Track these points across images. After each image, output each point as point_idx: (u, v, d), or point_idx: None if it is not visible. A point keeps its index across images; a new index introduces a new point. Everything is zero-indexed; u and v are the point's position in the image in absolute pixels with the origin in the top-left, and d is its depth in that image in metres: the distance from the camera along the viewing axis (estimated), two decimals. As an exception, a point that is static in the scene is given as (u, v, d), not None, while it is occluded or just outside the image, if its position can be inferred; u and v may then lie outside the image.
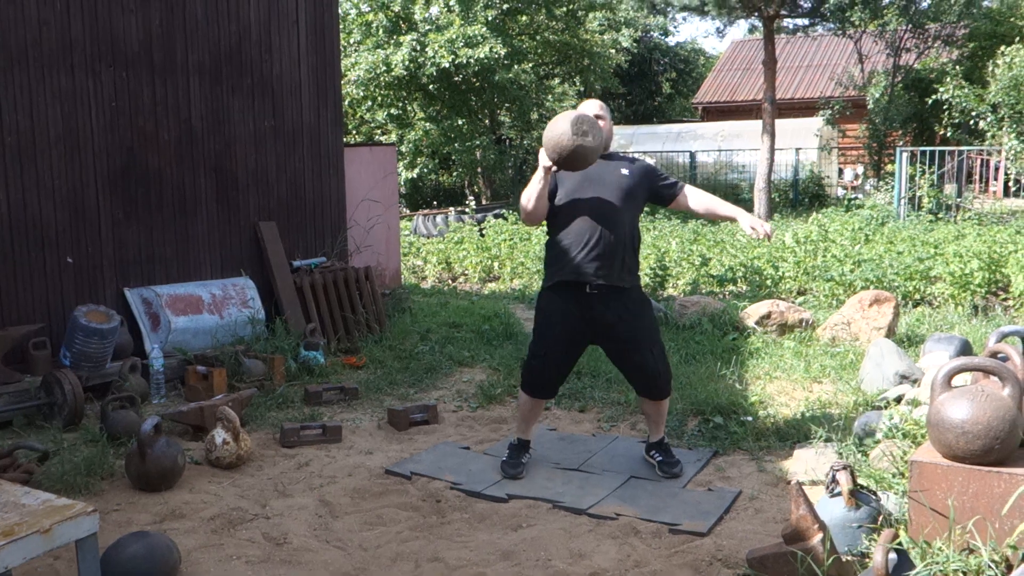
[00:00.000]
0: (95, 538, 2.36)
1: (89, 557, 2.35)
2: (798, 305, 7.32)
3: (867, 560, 2.83)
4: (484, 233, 12.42)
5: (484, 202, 19.21)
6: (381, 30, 17.91)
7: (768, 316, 6.61)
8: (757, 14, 16.67)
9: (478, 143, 18.91)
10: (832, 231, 10.69)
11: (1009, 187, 14.59)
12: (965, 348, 5.19)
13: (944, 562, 2.55)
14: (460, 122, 18.81)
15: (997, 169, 14.97)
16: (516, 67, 17.86)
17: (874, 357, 5.02)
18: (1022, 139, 12.48)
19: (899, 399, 4.44)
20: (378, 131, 20.09)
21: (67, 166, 5.28)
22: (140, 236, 5.70)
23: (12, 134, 5.00)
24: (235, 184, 6.31)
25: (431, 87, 18.49)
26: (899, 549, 2.55)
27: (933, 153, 14.05)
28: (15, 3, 4.96)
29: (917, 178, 13.79)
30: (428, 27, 17.69)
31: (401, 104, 19.31)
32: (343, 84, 12.47)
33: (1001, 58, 12.48)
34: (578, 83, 21.40)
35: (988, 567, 2.50)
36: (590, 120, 3.60)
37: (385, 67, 17.45)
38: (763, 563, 2.90)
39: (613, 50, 22.78)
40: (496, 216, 13.89)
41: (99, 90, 5.41)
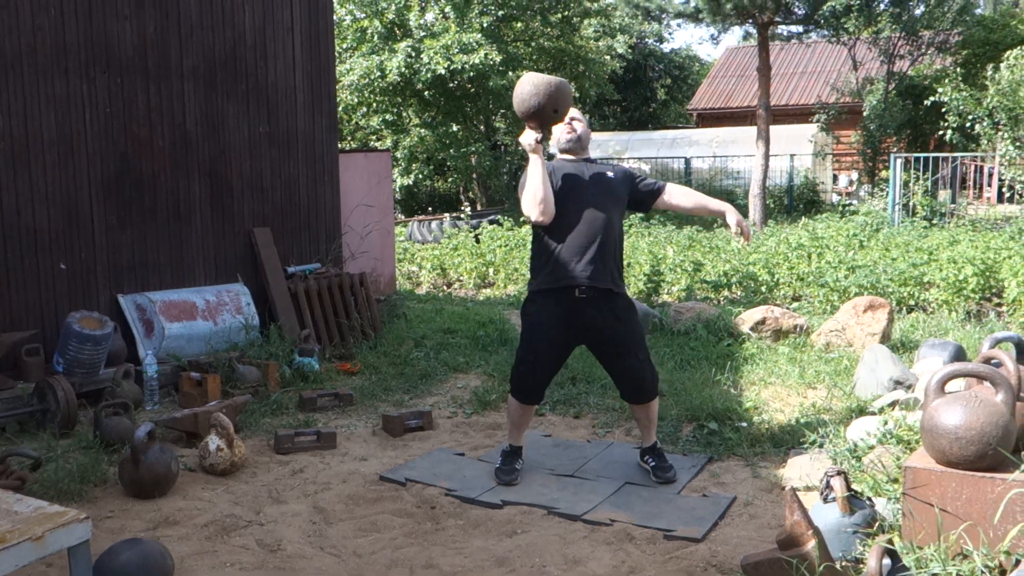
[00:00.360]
0: (87, 545, 2.35)
1: (82, 564, 2.34)
2: (792, 311, 7.33)
3: (861, 566, 2.83)
4: (479, 239, 12.42)
5: (479, 208, 19.21)
6: (376, 36, 17.93)
7: (763, 322, 6.62)
8: (751, 21, 16.71)
9: (473, 149, 18.92)
10: (824, 236, 10.71)
11: (1003, 193, 14.64)
12: (959, 354, 5.20)
13: (938, 568, 2.55)
14: (455, 128, 18.82)
15: (991, 175, 15.03)
16: (511, 73, 17.87)
17: (868, 363, 5.03)
18: (1017, 144, 12.53)
19: (893, 405, 4.44)
20: (373, 137, 20.08)
21: (61, 172, 5.27)
22: (134, 242, 5.69)
23: (6, 139, 4.99)
24: (229, 190, 6.31)
25: (426, 93, 18.51)
26: (893, 555, 2.55)
27: (927, 159, 14.10)
28: (9, 8, 4.96)
29: (911, 184, 13.84)
30: (423, 33, 17.71)
31: (396, 110, 19.31)
32: (337, 90, 12.46)
33: (1005, 62, 12.47)
34: (573, 89, 21.42)
35: (982, 572, 2.50)
36: (542, 79, 3.74)
37: (380, 73, 17.46)
38: (758, 569, 2.89)
39: (608, 57, 22.83)
40: (491, 222, 13.90)
41: (93, 95, 5.40)
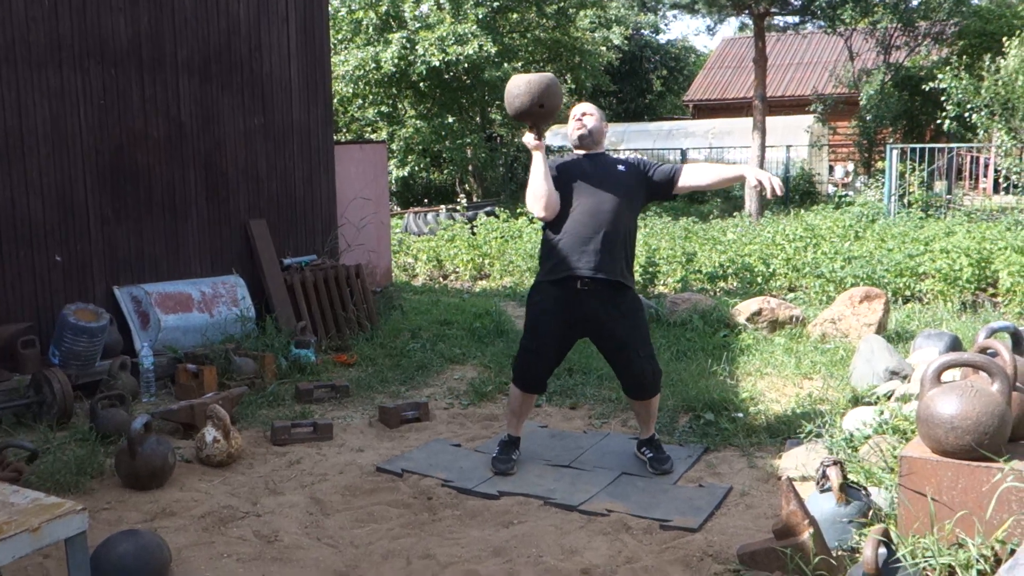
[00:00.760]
0: (85, 537, 2.35)
1: (79, 556, 2.34)
2: (789, 302, 7.34)
3: (857, 555, 2.84)
4: (475, 231, 12.41)
5: (475, 200, 19.19)
6: (371, 28, 17.87)
7: (759, 313, 6.63)
8: (747, 12, 16.71)
9: (469, 141, 18.89)
10: (819, 226, 10.72)
11: (999, 184, 14.65)
12: (955, 344, 5.22)
13: (933, 556, 2.56)
14: (451, 120, 18.79)
15: (987, 166, 15.04)
16: (506, 65, 17.82)
17: (864, 353, 5.04)
18: (1012, 135, 12.53)
19: (889, 395, 4.46)
20: (368, 129, 20.04)
21: (56, 164, 5.25)
22: (129, 234, 5.68)
23: (0, 132, 4.97)
24: (225, 182, 6.29)
25: (421, 85, 18.46)
26: (889, 544, 2.56)
27: (923, 150, 14.10)
28: (2, 1, 4.93)
29: (907, 175, 13.84)
30: (418, 25, 17.65)
31: (391, 102, 19.26)
32: (333, 81, 12.44)
33: (1007, 51, 12.42)
34: (569, 81, 21.37)
35: (976, 561, 2.51)
36: (524, 78, 3.80)
37: (375, 64, 17.41)
38: (754, 558, 2.91)
39: (604, 48, 22.78)
40: (487, 214, 13.88)
41: (88, 88, 5.38)
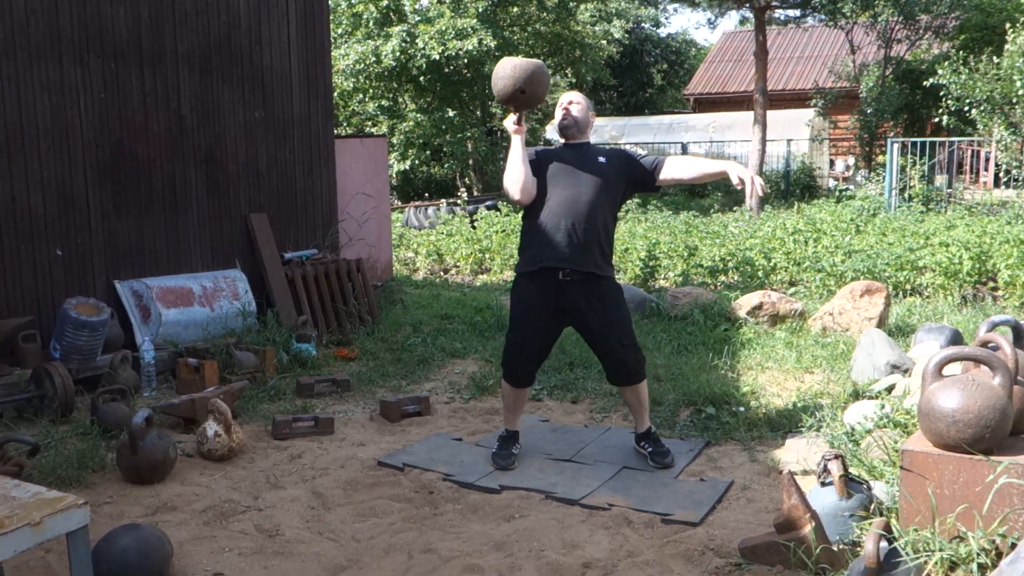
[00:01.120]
0: (86, 531, 2.35)
1: (80, 550, 2.34)
2: (789, 296, 7.34)
3: (859, 549, 2.84)
4: (475, 225, 12.40)
5: (475, 194, 19.16)
6: (371, 21, 17.83)
7: (760, 307, 6.62)
8: (748, 5, 16.66)
9: (469, 135, 18.86)
10: (820, 220, 10.70)
11: (1000, 178, 14.64)
12: (956, 338, 5.21)
13: (934, 550, 2.56)
14: (451, 114, 18.75)
15: (987, 160, 15.02)
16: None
17: (865, 347, 5.04)
18: (1012, 130, 12.51)
19: (890, 389, 4.46)
20: (369, 123, 20.01)
21: (56, 157, 5.24)
22: (130, 228, 5.67)
23: (0, 125, 4.96)
24: (225, 176, 6.28)
25: (422, 79, 18.42)
26: (890, 537, 2.56)
27: (924, 144, 14.08)
28: (2, -7, 4.92)
29: (908, 169, 13.83)
30: (418, 19, 17.61)
31: (392, 96, 19.23)
32: (333, 75, 12.41)
33: (1011, 43, 12.41)
34: (569, 75, 21.34)
35: (977, 554, 2.51)
36: (509, 61, 3.77)
37: (375, 58, 17.38)
38: (755, 552, 2.91)
39: (604, 41, 22.74)
40: (488, 208, 13.86)
41: (88, 81, 5.37)
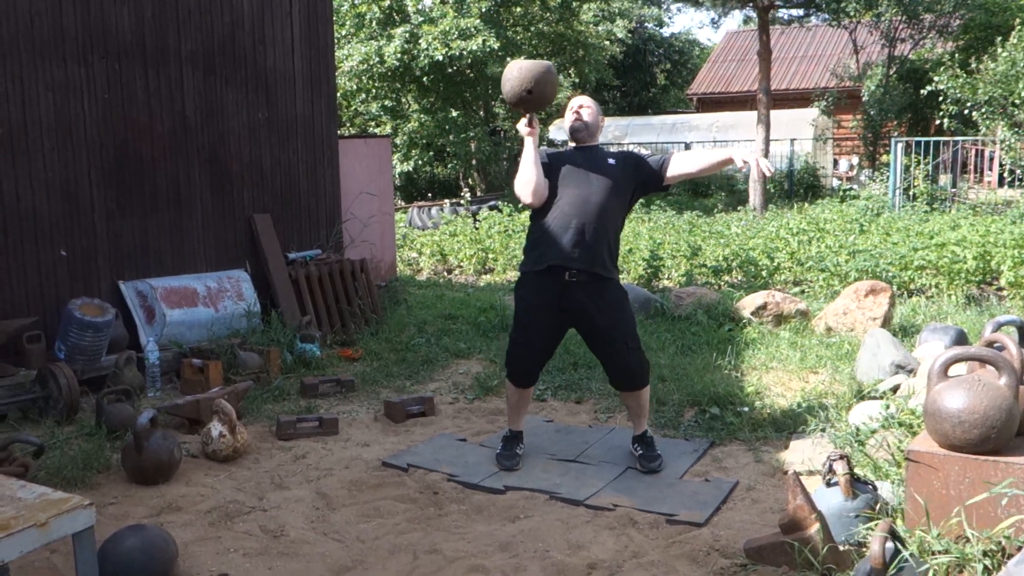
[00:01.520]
0: (92, 532, 2.35)
1: (86, 551, 2.34)
2: (793, 296, 7.32)
3: (864, 549, 2.84)
4: (479, 225, 12.39)
5: (479, 194, 19.16)
6: (374, 22, 17.84)
7: (764, 307, 6.62)
8: (752, 5, 16.64)
9: (473, 135, 18.86)
10: (823, 221, 10.69)
11: (1004, 177, 14.61)
12: (960, 338, 5.20)
13: (940, 551, 2.55)
14: (454, 114, 18.76)
15: (992, 159, 14.99)
16: (510, 59, 17.78)
17: (870, 347, 5.03)
18: (1015, 130, 12.49)
19: (895, 389, 4.45)
20: (372, 123, 20.02)
21: (60, 158, 5.25)
22: (134, 228, 5.68)
23: (4, 125, 4.96)
24: (229, 176, 6.29)
25: (425, 79, 18.42)
26: (896, 538, 2.55)
27: (928, 143, 14.06)
28: (6, -6, 4.93)
29: (912, 169, 13.80)
30: (421, 19, 17.62)
31: (395, 96, 19.23)
32: (336, 76, 12.41)
33: (1000, 48, 12.45)
34: (573, 75, 21.33)
35: (984, 555, 2.51)
36: (517, 64, 3.82)
37: (378, 59, 17.39)
38: (760, 553, 2.90)
39: (607, 41, 22.72)
40: (491, 208, 13.86)
41: (92, 81, 5.38)
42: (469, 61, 17.43)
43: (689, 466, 4.00)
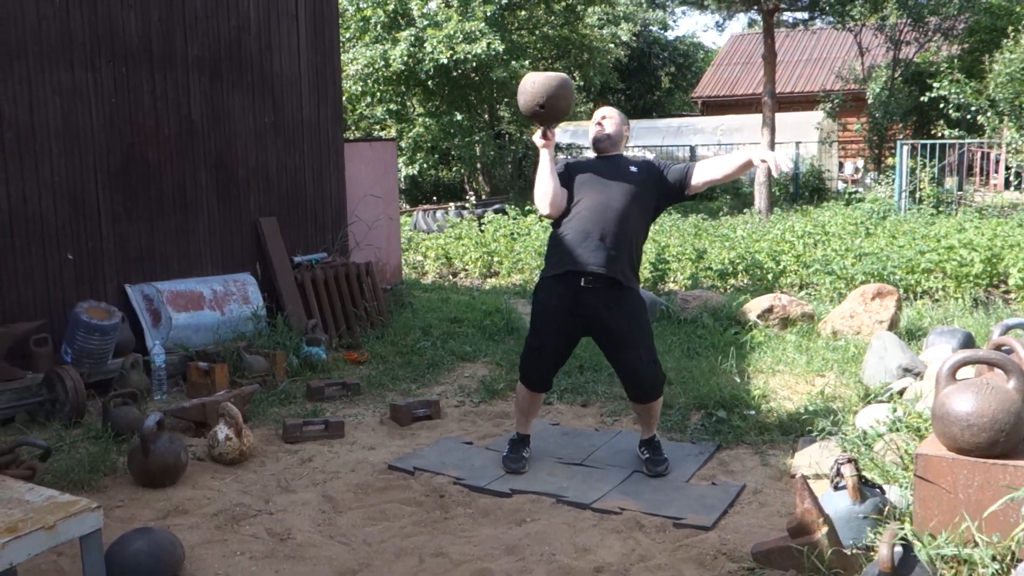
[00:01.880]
0: (99, 534, 2.35)
1: (94, 553, 2.35)
2: (800, 299, 7.31)
3: (872, 553, 2.83)
4: (484, 229, 12.39)
5: (484, 197, 19.17)
6: (379, 26, 17.87)
7: (770, 310, 6.60)
8: (756, 8, 16.63)
9: (478, 138, 18.87)
10: (828, 224, 10.68)
11: (1010, 180, 14.57)
12: (968, 341, 5.19)
13: (949, 555, 2.54)
14: (459, 117, 18.77)
15: (998, 162, 14.95)
16: (514, 63, 17.81)
17: (877, 350, 5.02)
18: (1022, 132, 12.45)
19: (902, 392, 4.43)
20: (377, 127, 20.04)
21: (67, 161, 5.26)
22: (141, 232, 5.69)
23: (12, 129, 4.98)
24: (236, 180, 6.30)
25: (430, 83, 18.45)
26: (904, 542, 2.54)
27: (934, 146, 14.03)
28: (14, -2, 4.95)
29: (918, 171, 13.78)
30: (426, 22, 17.65)
31: (400, 99, 19.26)
32: (342, 79, 12.43)
33: (1003, 51, 12.44)
34: (577, 78, 21.32)
35: (993, 559, 2.50)
36: (531, 77, 3.80)
37: (383, 62, 17.42)
38: (768, 557, 2.89)
39: (612, 45, 22.72)
40: (496, 211, 13.86)
41: (99, 85, 5.39)
42: (474, 65, 17.45)
43: (696, 469, 3.99)
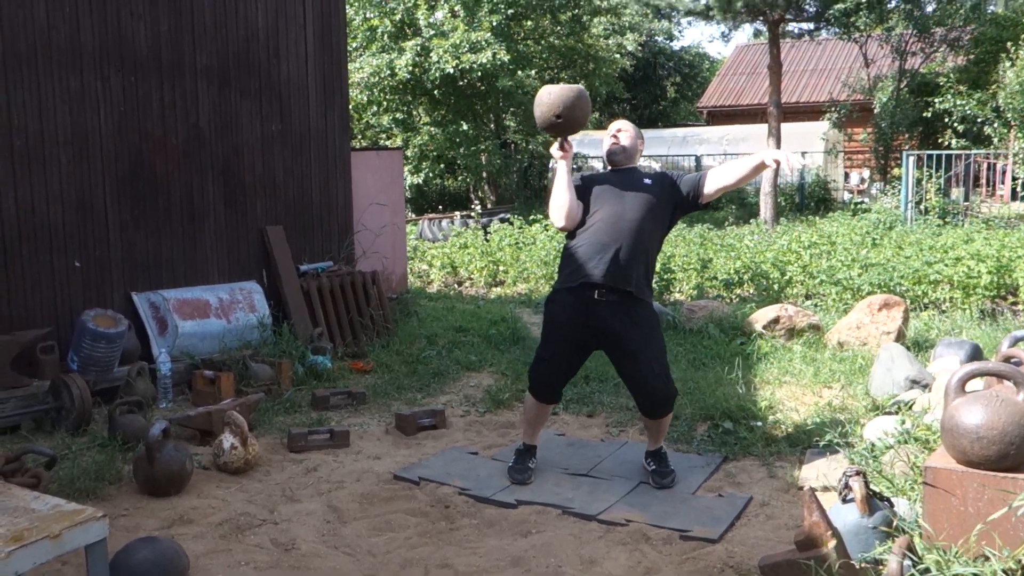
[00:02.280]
0: (105, 543, 2.35)
1: (99, 562, 2.34)
2: (806, 309, 7.29)
3: (881, 567, 2.80)
4: (489, 238, 12.40)
5: (489, 207, 19.19)
6: (386, 35, 17.94)
7: (776, 321, 6.58)
8: (762, 19, 16.65)
9: (483, 148, 18.92)
10: (834, 235, 10.65)
11: (1016, 191, 14.54)
12: (975, 353, 5.17)
13: (959, 570, 2.52)
14: (465, 127, 18.82)
15: (1004, 173, 14.92)
16: (520, 72, 17.85)
17: (884, 362, 5.00)
18: (1031, 142, 12.45)
19: (910, 404, 4.41)
20: (383, 136, 20.10)
21: (75, 169, 5.28)
22: (148, 240, 5.70)
23: (21, 137, 5.00)
24: (243, 188, 6.31)
25: (436, 92, 18.51)
26: (913, 555, 2.52)
27: (940, 157, 14.01)
28: (24, 6, 4.97)
29: (924, 182, 13.76)
30: (432, 32, 17.71)
31: (406, 109, 19.32)
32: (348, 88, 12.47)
33: (1015, 60, 12.41)
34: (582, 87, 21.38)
35: (1003, 574, 2.47)
36: (547, 89, 3.81)
37: (389, 72, 17.48)
38: (776, 570, 2.87)
39: (618, 55, 22.77)
40: (502, 220, 13.87)
41: (107, 93, 5.41)
42: (480, 74, 17.50)
43: (702, 481, 3.97)
